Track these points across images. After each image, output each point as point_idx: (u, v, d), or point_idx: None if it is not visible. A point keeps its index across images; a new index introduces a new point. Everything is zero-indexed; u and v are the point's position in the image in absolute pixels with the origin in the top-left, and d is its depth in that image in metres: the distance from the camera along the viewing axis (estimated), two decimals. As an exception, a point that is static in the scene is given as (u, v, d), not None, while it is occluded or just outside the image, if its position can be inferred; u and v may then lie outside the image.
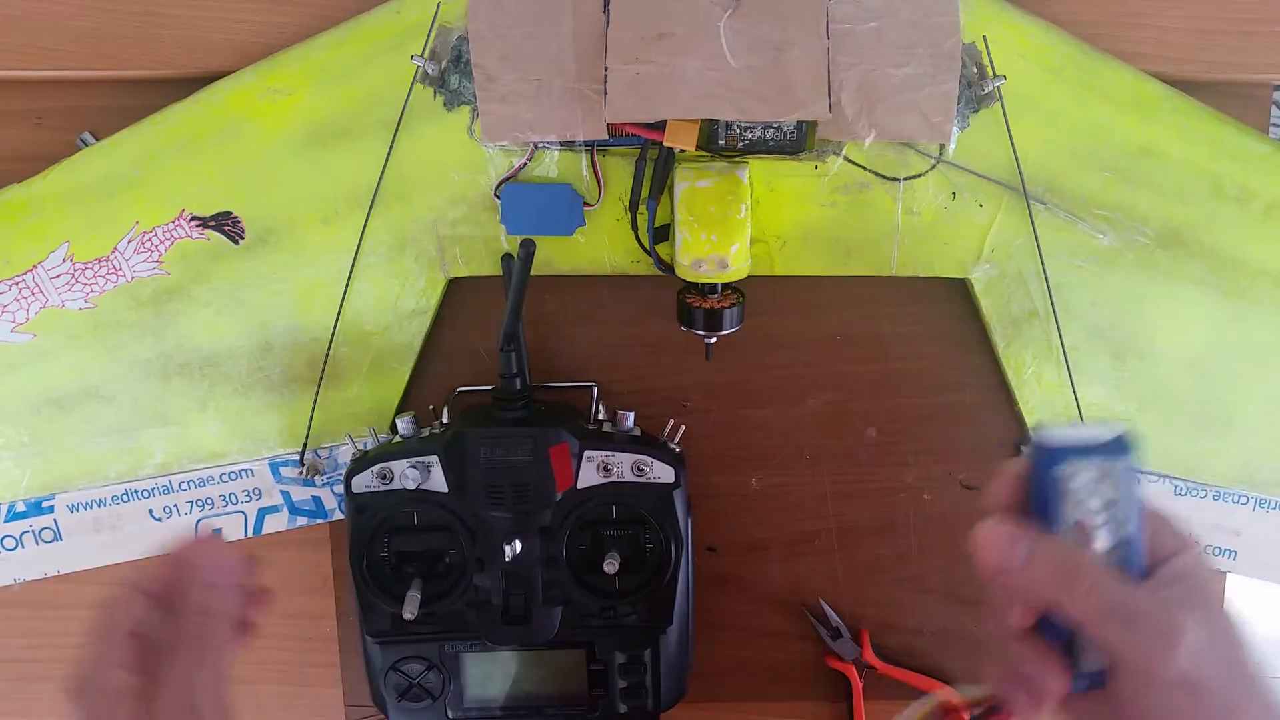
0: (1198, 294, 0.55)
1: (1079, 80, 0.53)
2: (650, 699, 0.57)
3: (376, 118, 0.53)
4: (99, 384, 0.56)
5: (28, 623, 0.61)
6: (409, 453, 0.53)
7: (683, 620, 0.56)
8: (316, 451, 0.58)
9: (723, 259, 0.51)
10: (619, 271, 0.56)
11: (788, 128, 0.51)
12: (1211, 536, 0.59)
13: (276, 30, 0.54)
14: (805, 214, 0.54)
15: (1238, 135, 0.54)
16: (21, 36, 0.54)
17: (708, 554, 0.61)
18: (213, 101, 0.53)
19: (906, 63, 0.50)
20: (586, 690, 0.57)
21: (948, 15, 0.50)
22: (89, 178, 0.54)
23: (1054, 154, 0.54)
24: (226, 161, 0.54)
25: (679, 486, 0.54)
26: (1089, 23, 0.54)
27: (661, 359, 0.59)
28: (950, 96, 0.51)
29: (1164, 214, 0.54)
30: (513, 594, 0.54)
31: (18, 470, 0.57)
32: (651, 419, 0.57)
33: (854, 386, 0.60)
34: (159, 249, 0.55)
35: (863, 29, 0.50)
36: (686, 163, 0.52)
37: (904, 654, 0.62)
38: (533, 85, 0.51)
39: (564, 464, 0.53)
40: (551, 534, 0.54)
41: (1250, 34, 0.55)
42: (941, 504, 0.61)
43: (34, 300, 0.55)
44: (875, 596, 0.62)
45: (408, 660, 0.56)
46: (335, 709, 0.63)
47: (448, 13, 0.52)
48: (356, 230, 0.55)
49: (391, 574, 0.55)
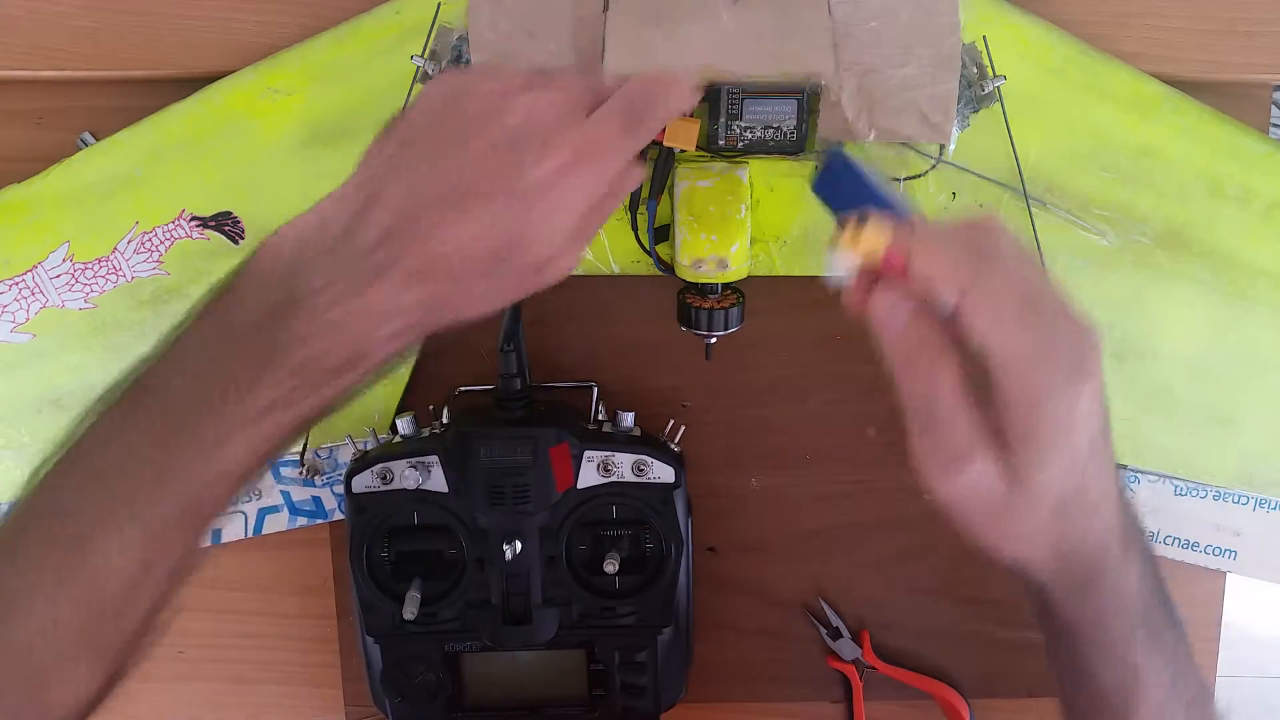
0: (1198, 294, 0.55)
1: (1079, 80, 0.53)
2: (650, 699, 0.57)
3: (376, 118, 0.53)
4: (99, 384, 0.56)
5: (28, 623, 0.61)
6: (409, 453, 0.53)
7: (682, 620, 0.56)
8: (316, 451, 0.58)
9: (723, 259, 0.51)
10: (619, 271, 0.56)
11: (788, 128, 0.51)
12: (1211, 536, 0.59)
13: (276, 30, 0.54)
14: (805, 214, 0.54)
15: (1238, 135, 0.54)
16: (21, 36, 0.54)
17: (708, 554, 0.61)
18: (213, 101, 0.53)
19: (906, 63, 0.50)
20: (586, 690, 0.57)
21: (948, 15, 0.50)
22: (89, 178, 0.54)
23: (1054, 154, 0.54)
24: (226, 161, 0.54)
25: (679, 486, 0.54)
26: (1089, 23, 0.54)
27: (661, 359, 0.59)
28: (950, 96, 0.51)
29: (1164, 214, 0.54)
30: (513, 594, 0.54)
31: (18, 470, 0.57)
32: (651, 419, 0.57)
33: (854, 386, 0.60)
34: (159, 249, 0.55)
35: (863, 29, 0.50)
36: (686, 163, 0.52)
37: (904, 654, 0.62)
38: (533, 85, 0.51)
39: (564, 464, 0.53)
40: (551, 534, 0.54)
41: (1250, 34, 0.55)
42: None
43: (34, 300, 0.55)
44: (875, 596, 0.62)
45: (408, 660, 0.56)
46: (335, 709, 0.63)
47: (448, 13, 0.52)
48: (356, 230, 0.55)
49: (391, 574, 0.55)
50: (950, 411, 0.38)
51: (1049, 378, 0.37)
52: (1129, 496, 0.43)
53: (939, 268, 0.38)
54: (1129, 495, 0.41)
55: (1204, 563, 0.59)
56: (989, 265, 0.37)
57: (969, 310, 0.37)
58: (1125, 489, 0.41)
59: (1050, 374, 0.37)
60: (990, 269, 0.37)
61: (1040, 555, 0.41)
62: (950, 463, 0.39)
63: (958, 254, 0.38)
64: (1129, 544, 0.42)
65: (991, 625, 0.62)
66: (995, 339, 0.37)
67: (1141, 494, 0.58)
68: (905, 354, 0.39)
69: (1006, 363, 0.37)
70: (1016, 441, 0.38)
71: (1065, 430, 0.38)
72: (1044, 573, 0.42)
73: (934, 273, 0.38)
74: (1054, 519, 0.39)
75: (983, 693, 0.62)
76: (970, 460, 0.38)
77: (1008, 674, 0.62)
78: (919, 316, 0.38)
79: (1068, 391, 0.37)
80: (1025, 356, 0.37)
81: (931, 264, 0.38)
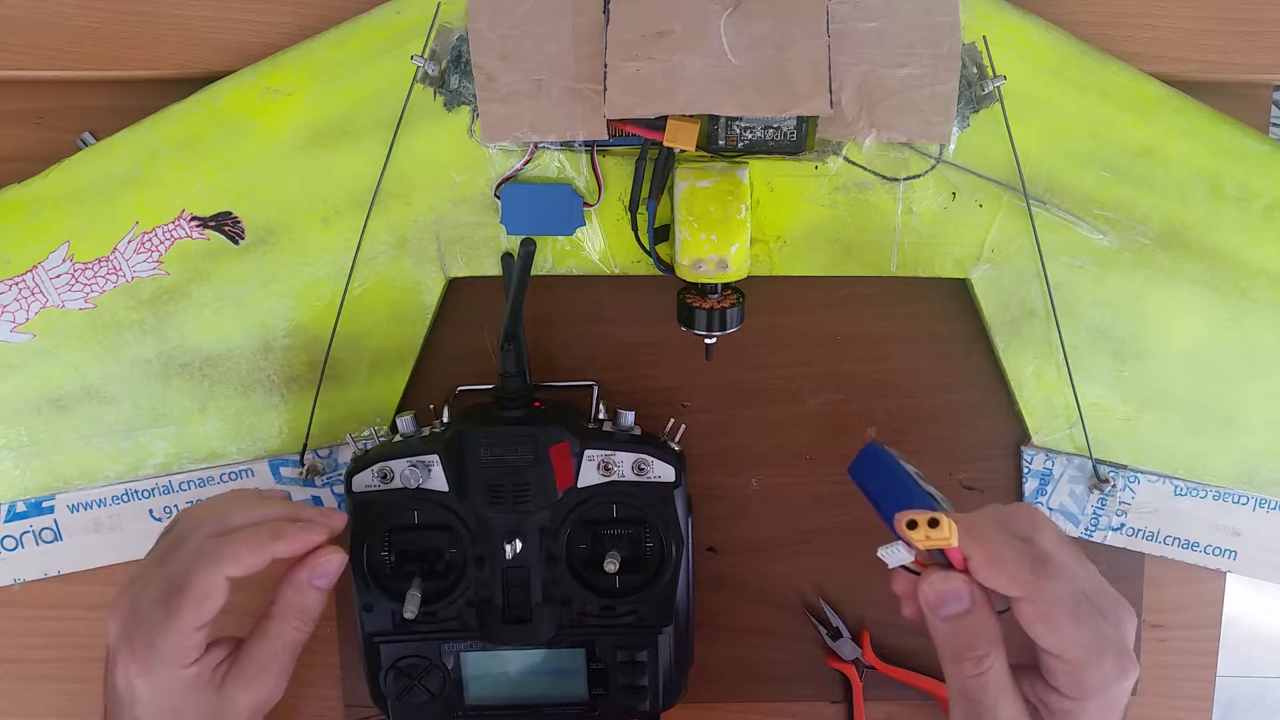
0: (1198, 294, 0.55)
1: (1079, 80, 0.53)
2: (650, 698, 0.57)
3: (376, 118, 0.53)
4: (99, 384, 0.56)
5: (28, 623, 0.61)
6: (409, 452, 0.53)
7: (683, 620, 0.56)
8: (316, 452, 0.58)
9: (723, 259, 0.51)
10: (619, 271, 0.56)
11: (788, 128, 0.51)
12: (1211, 536, 0.59)
13: (276, 30, 0.54)
14: (805, 214, 0.54)
15: (1238, 135, 0.54)
16: (21, 36, 0.54)
17: (708, 554, 0.61)
18: (213, 101, 0.53)
19: (906, 63, 0.50)
20: (586, 690, 0.57)
21: (948, 15, 0.50)
22: (89, 178, 0.54)
23: (1054, 154, 0.54)
24: (226, 161, 0.54)
25: (679, 485, 0.54)
26: (1089, 23, 0.54)
27: (661, 359, 0.59)
28: (950, 96, 0.51)
29: (1164, 214, 0.54)
30: (513, 593, 0.54)
31: (18, 470, 0.57)
32: (651, 419, 0.57)
33: (854, 386, 0.60)
34: (159, 249, 0.55)
35: (863, 29, 0.50)
36: (686, 163, 0.52)
37: (904, 654, 0.62)
38: (533, 85, 0.51)
39: (564, 463, 0.53)
40: (552, 533, 0.54)
41: (1250, 34, 0.55)
42: (941, 504, 0.61)
43: (34, 300, 0.55)
44: (875, 596, 0.62)
45: (408, 660, 0.56)
46: (335, 709, 0.63)
47: (448, 13, 0.52)
48: (356, 230, 0.55)
49: (391, 574, 0.55)
50: (996, 701, 0.42)
51: (1102, 674, 0.41)
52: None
53: (1004, 569, 0.41)
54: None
55: (1204, 563, 0.59)
56: (1045, 568, 0.41)
57: (1028, 612, 0.41)
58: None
59: (1104, 670, 0.41)
60: (1046, 571, 0.41)
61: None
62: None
63: (1019, 556, 0.42)
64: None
65: (991, 625, 0.62)
66: (1053, 638, 0.41)
67: (1141, 494, 0.58)
68: (958, 642, 0.42)
69: (1063, 657, 0.41)
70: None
71: (1109, 715, 0.42)
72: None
73: (998, 574, 0.41)
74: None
75: (983, 693, 0.62)
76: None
77: (1008, 674, 0.62)
78: (974, 608, 0.42)
79: (1121, 683, 0.42)
80: (1079, 656, 0.41)
81: (996, 566, 0.42)
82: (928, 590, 0.43)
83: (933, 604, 0.43)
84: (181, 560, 0.45)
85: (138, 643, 0.44)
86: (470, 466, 0.53)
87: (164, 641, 0.44)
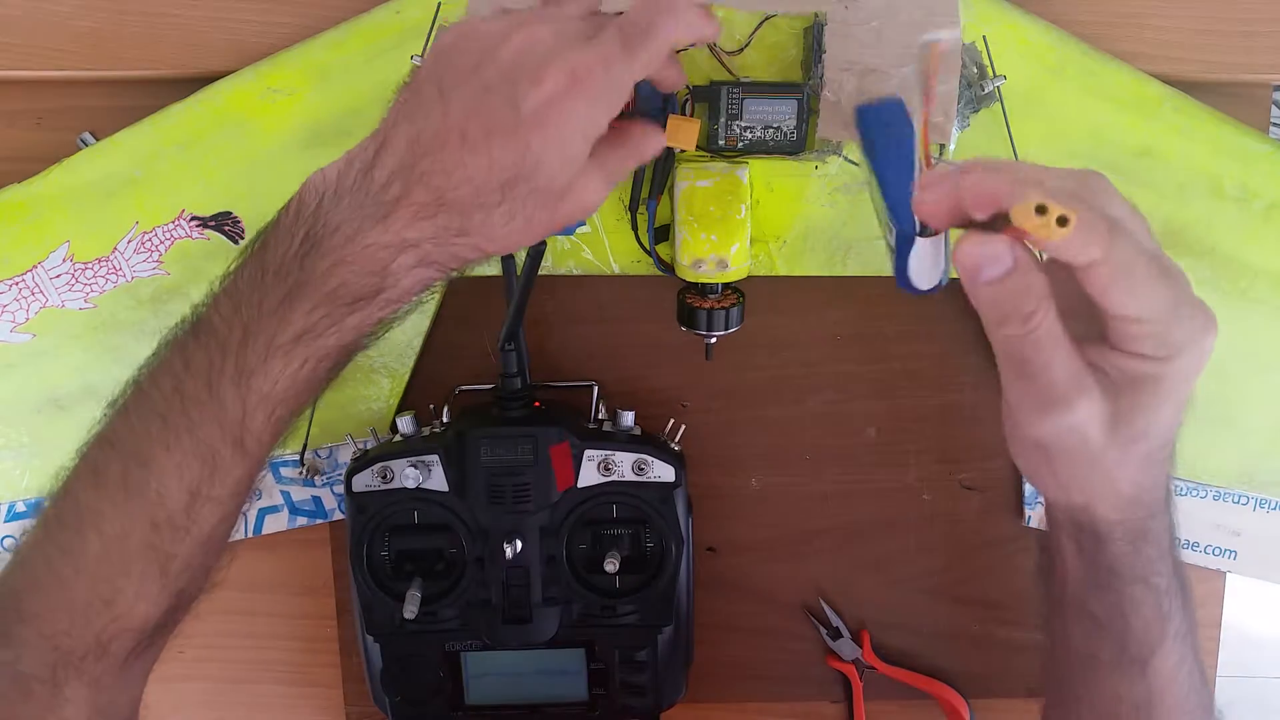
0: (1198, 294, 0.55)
1: (1079, 80, 0.53)
2: (650, 698, 0.57)
3: (376, 118, 0.53)
4: (99, 384, 0.56)
5: (28, 622, 0.61)
6: (409, 452, 0.53)
7: (683, 619, 0.56)
8: (316, 451, 0.58)
9: (723, 259, 0.51)
10: (619, 271, 0.56)
11: (788, 128, 0.51)
12: (1211, 536, 0.59)
13: (276, 30, 0.54)
14: (805, 214, 0.54)
15: (1238, 135, 0.54)
16: (21, 36, 0.54)
17: (708, 554, 0.61)
18: (213, 101, 0.53)
19: (906, 63, 0.50)
20: (586, 690, 0.57)
21: (948, 15, 0.50)
22: (89, 178, 0.54)
23: (1054, 154, 0.54)
24: (226, 161, 0.54)
25: (679, 485, 0.54)
26: (1089, 23, 0.54)
27: (661, 359, 0.59)
28: (950, 96, 0.51)
29: (1164, 214, 0.54)
30: (513, 593, 0.54)
31: (18, 470, 0.57)
32: (651, 419, 0.57)
33: (854, 386, 0.60)
34: (159, 249, 0.55)
35: (863, 29, 0.50)
36: (686, 163, 0.52)
37: (904, 654, 0.62)
38: (533, 85, 0.51)
39: (564, 463, 0.53)
40: (552, 533, 0.54)
41: (1250, 34, 0.55)
42: (941, 504, 0.61)
43: (34, 300, 0.55)
44: (875, 596, 0.62)
45: (408, 660, 0.56)
46: (335, 709, 0.63)
47: (448, 13, 0.52)
48: (356, 230, 0.55)
49: (391, 574, 0.55)
50: (1049, 357, 0.38)
51: (1191, 327, 0.38)
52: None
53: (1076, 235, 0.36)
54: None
55: (1204, 563, 0.59)
56: (1120, 232, 0.37)
57: (1104, 276, 0.37)
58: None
59: (1189, 326, 0.38)
60: (1121, 234, 0.37)
61: (1111, 502, 0.42)
62: (1050, 406, 0.38)
63: (1092, 217, 0.36)
64: (1170, 494, 0.44)
65: (991, 625, 0.62)
66: (1132, 300, 0.37)
67: (1141, 494, 0.58)
68: (1002, 306, 0.37)
69: (1144, 319, 0.37)
70: (1135, 388, 0.38)
71: (1189, 377, 0.39)
72: (1108, 520, 0.42)
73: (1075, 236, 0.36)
74: (1141, 465, 0.40)
75: (983, 693, 0.62)
76: (1071, 405, 0.38)
77: (1008, 674, 0.62)
78: (1017, 268, 0.37)
79: (1209, 335, 0.38)
80: (1164, 312, 0.37)
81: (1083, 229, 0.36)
82: (964, 254, 0.37)
83: (970, 269, 0.37)
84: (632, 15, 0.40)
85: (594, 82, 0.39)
86: (470, 466, 0.53)
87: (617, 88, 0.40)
